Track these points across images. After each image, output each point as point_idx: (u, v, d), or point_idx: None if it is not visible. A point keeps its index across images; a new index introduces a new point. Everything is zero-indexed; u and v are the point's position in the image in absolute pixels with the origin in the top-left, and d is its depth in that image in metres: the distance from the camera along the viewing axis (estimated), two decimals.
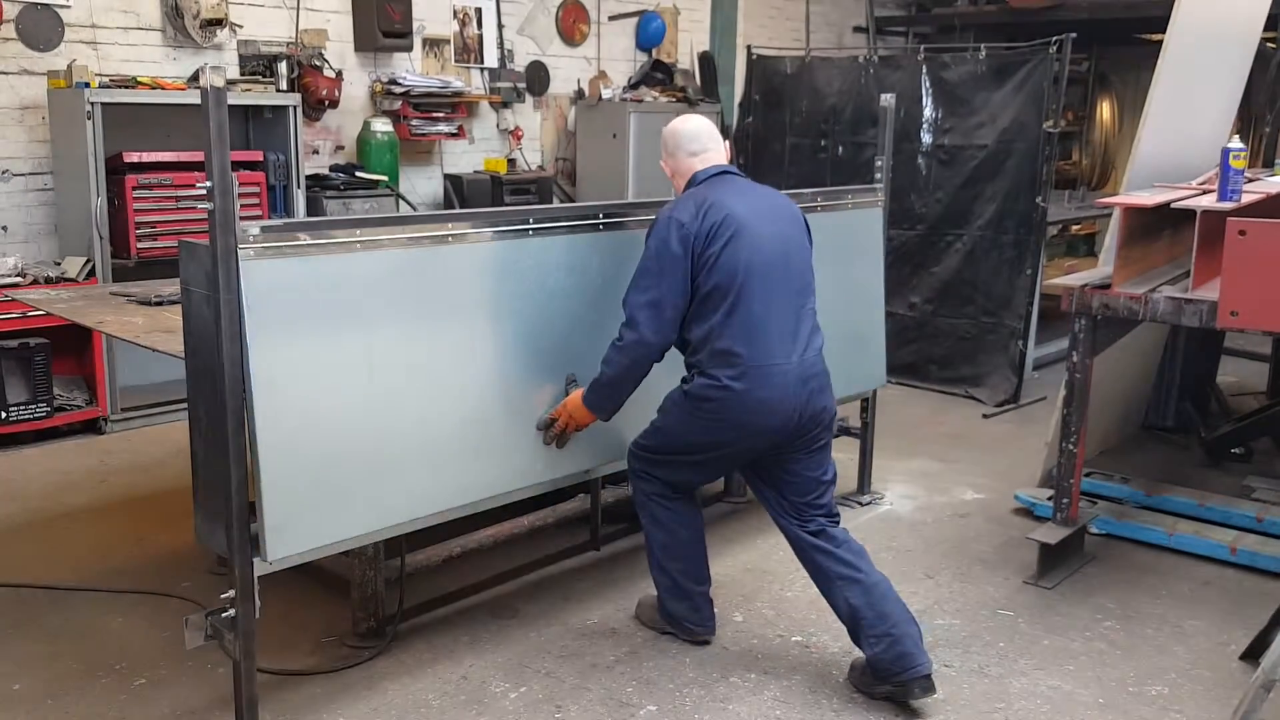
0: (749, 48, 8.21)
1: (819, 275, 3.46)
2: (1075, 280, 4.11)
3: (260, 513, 2.82)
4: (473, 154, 7.78)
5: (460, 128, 7.46)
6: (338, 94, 6.69)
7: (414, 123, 7.15)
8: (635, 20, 8.73)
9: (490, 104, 7.80)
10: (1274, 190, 4.22)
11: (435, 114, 7.29)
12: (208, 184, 2.61)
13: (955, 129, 6.90)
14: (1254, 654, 3.45)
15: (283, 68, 6.37)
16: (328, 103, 6.65)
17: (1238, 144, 3.90)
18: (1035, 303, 6.74)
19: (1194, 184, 4.42)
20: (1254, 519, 4.50)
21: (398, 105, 7.07)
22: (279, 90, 6.29)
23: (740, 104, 8.28)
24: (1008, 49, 6.81)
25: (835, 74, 7.56)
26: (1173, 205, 3.94)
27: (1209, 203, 3.83)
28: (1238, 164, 3.85)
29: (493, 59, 7.79)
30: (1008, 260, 6.73)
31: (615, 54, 8.69)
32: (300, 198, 6.25)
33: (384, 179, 6.78)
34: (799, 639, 3.64)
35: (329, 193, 6.51)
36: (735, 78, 9.05)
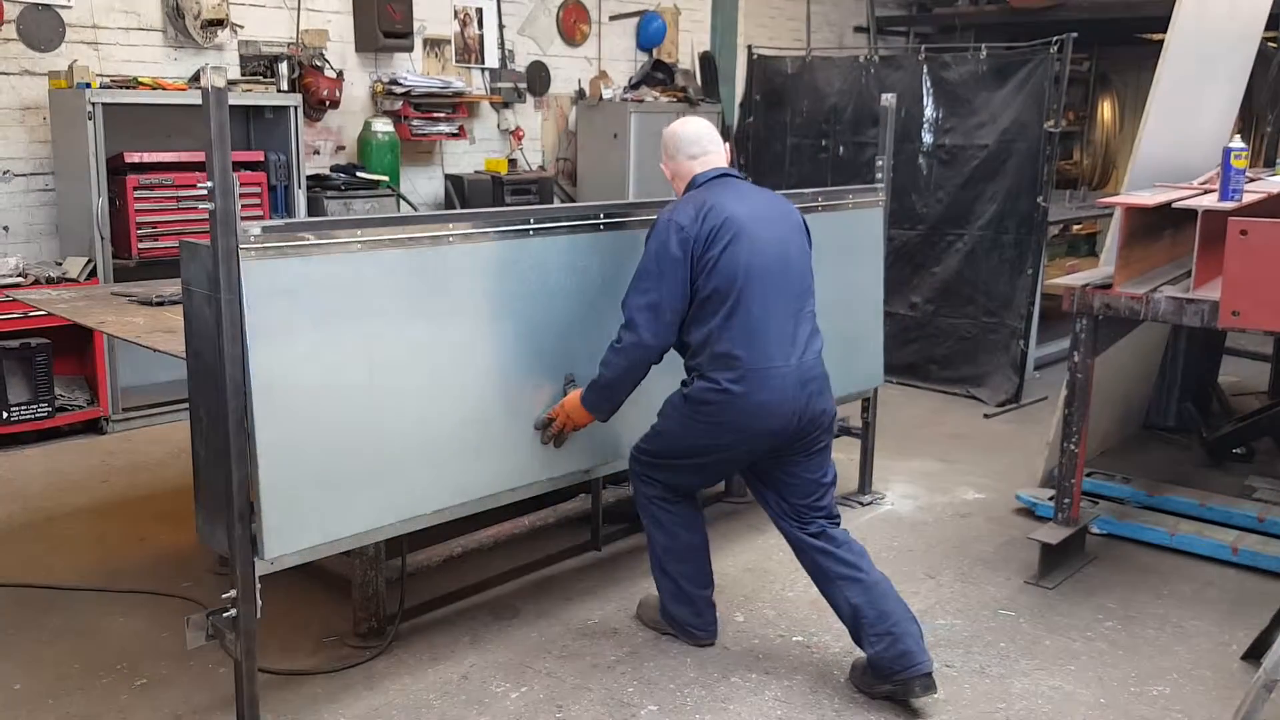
0: (750, 48, 8.22)
1: (819, 275, 3.46)
2: (1076, 280, 4.11)
3: (258, 512, 2.82)
4: (474, 154, 7.78)
5: (461, 128, 7.47)
6: (339, 94, 6.69)
7: (415, 123, 7.15)
8: (636, 20, 8.72)
9: (491, 104, 7.80)
10: (1275, 190, 4.21)
11: (436, 114, 7.29)
12: (209, 184, 2.62)
13: (956, 129, 6.90)
14: (1255, 654, 3.45)
15: (284, 68, 6.37)
16: (329, 103, 6.65)
17: (1239, 144, 3.90)
18: (1036, 302, 6.74)
19: (1195, 184, 4.41)
20: (1255, 519, 4.49)
21: (399, 105, 7.07)
22: (280, 90, 6.29)
23: (741, 104, 8.28)
24: (1008, 49, 6.80)
25: (836, 74, 7.56)
26: (1174, 205, 3.94)
27: (1210, 202, 3.83)
28: (1239, 164, 3.85)
29: (493, 59, 7.80)
30: (1009, 260, 6.73)
31: (616, 54, 8.69)
32: (301, 198, 6.25)
33: (385, 179, 6.78)
34: (800, 639, 3.64)
35: (330, 193, 6.52)
36: (736, 78, 9.05)
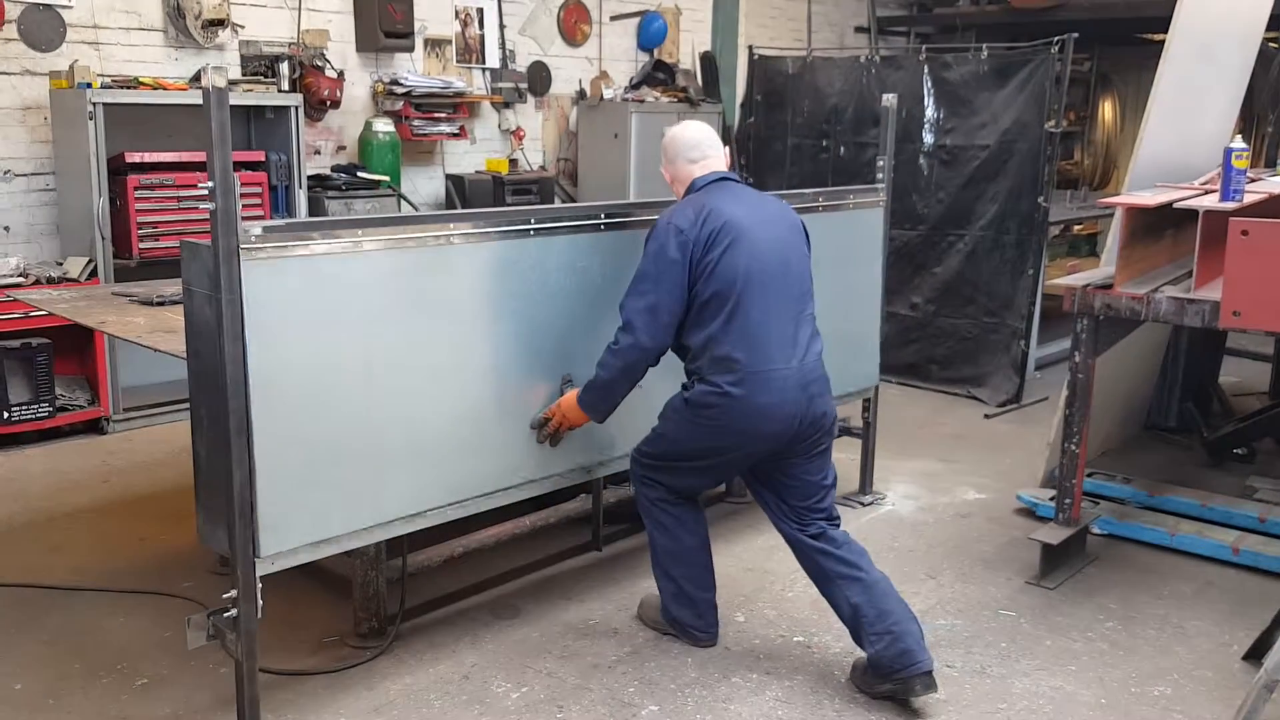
0: (750, 48, 8.22)
1: (819, 275, 3.47)
2: (1077, 280, 4.11)
3: (255, 511, 2.82)
4: (474, 154, 7.78)
5: (462, 128, 7.47)
6: (339, 94, 6.69)
7: (416, 123, 7.15)
8: (637, 20, 8.72)
9: (492, 104, 7.80)
10: (1276, 190, 4.21)
11: (437, 114, 7.29)
12: (210, 184, 2.61)
13: (957, 129, 6.90)
14: (1256, 654, 3.45)
15: (284, 68, 6.37)
16: (329, 103, 6.65)
17: (1240, 144, 3.90)
18: (1037, 303, 6.74)
19: (1196, 184, 4.41)
20: (1256, 519, 4.49)
21: (399, 105, 7.07)
22: (281, 91, 6.29)
23: (742, 104, 8.28)
24: (1009, 49, 6.80)
25: (837, 74, 7.56)
26: (1175, 205, 3.93)
27: (1211, 203, 3.83)
28: (1240, 164, 3.84)
29: (494, 59, 7.80)
30: (1009, 260, 6.73)
31: (617, 54, 8.68)
32: (302, 198, 6.25)
33: (386, 179, 6.78)
34: (801, 639, 3.64)
35: (331, 193, 6.52)
36: (737, 78, 9.05)
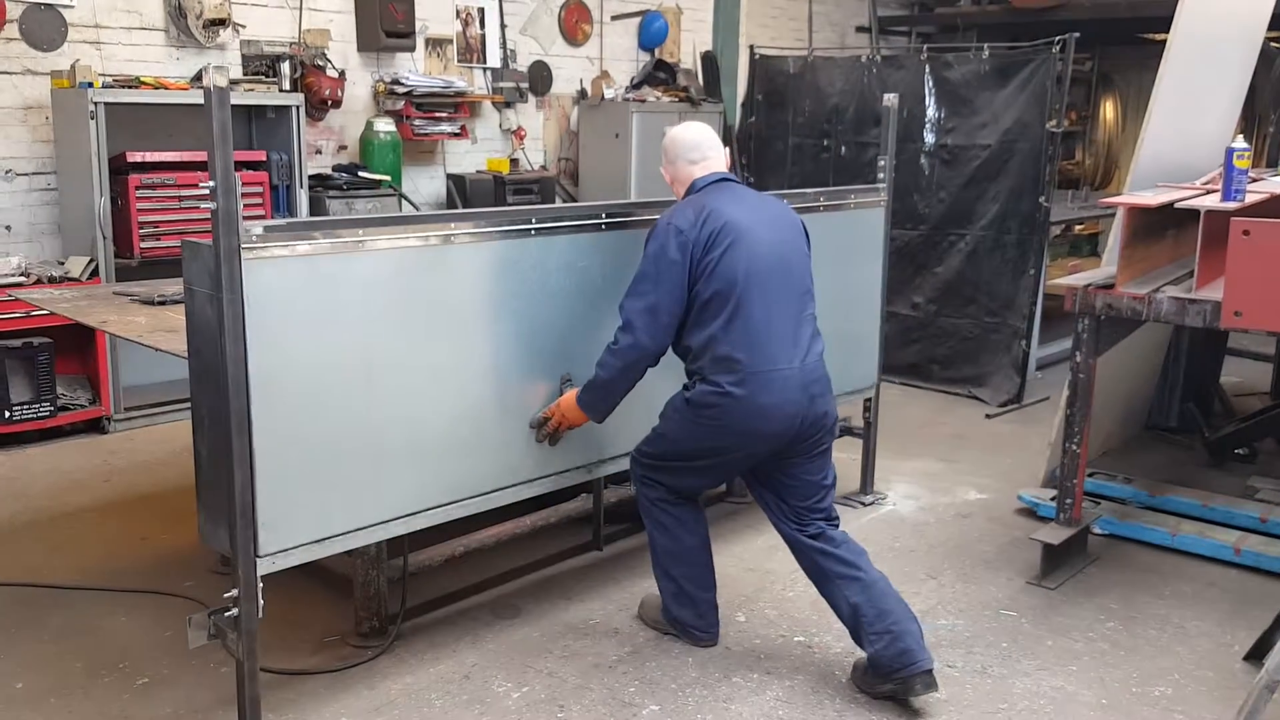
0: (751, 47, 8.21)
1: (820, 275, 3.47)
2: (1078, 280, 4.11)
3: (255, 510, 2.81)
4: (475, 154, 7.78)
5: (463, 128, 7.47)
6: (340, 94, 6.69)
7: (417, 123, 7.15)
8: (638, 20, 8.72)
9: (493, 104, 7.80)
10: (1278, 190, 4.21)
11: (438, 114, 7.29)
12: (211, 184, 2.61)
13: (958, 129, 6.90)
14: (1258, 655, 3.44)
15: (285, 68, 6.37)
16: (330, 103, 6.65)
17: (1241, 144, 3.89)
18: (1038, 303, 6.73)
19: (1198, 184, 4.41)
20: (1258, 520, 4.49)
21: (400, 105, 7.07)
22: (282, 90, 6.30)
23: (743, 104, 8.28)
24: (1011, 49, 6.80)
25: (838, 74, 7.56)
26: (1176, 205, 3.93)
27: (1213, 203, 3.82)
28: (1241, 164, 3.84)
29: (495, 59, 7.80)
30: (1011, 260, 6.73)
31: (618, 54, 8.68)
32: (303, 197, 6.25)
33: (387, 179, 6.78)
34: (801, 639, 3.64)
35: (332, 193, 6.52)
36: (738, 77, 9.04)
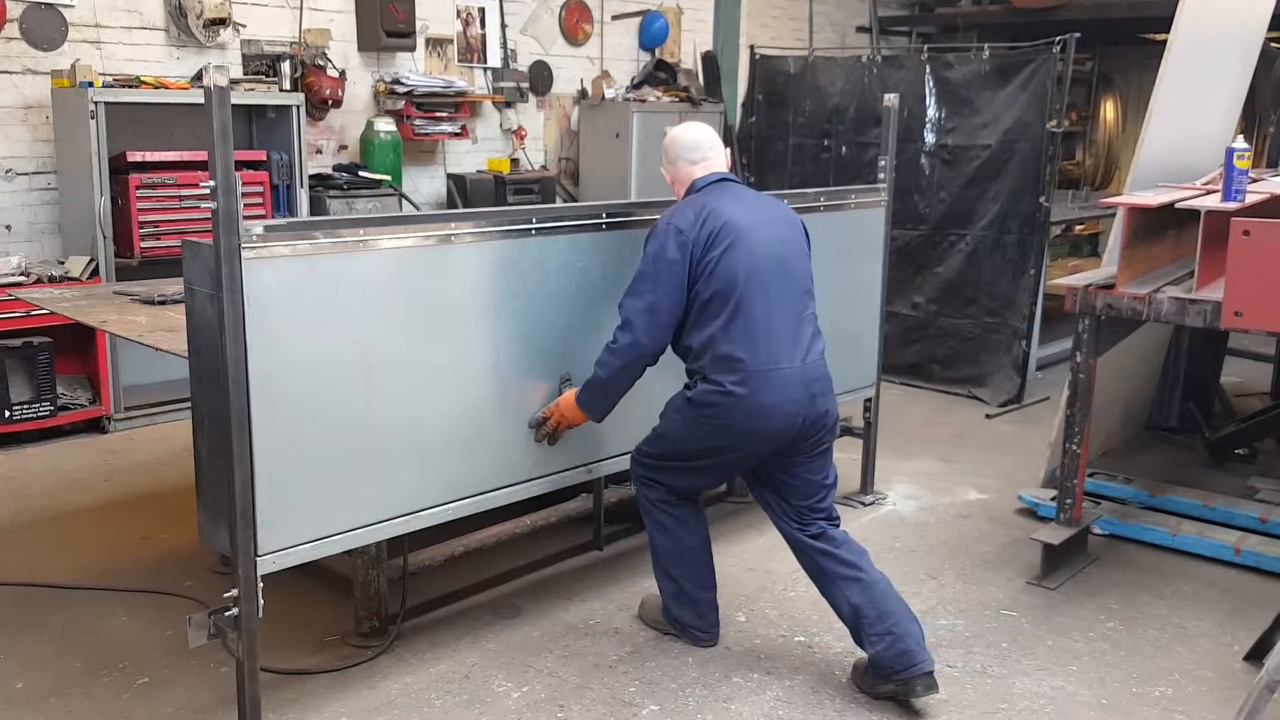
0: (752, 47, 8.21)
1: (820, 275, 3.47)
2: (1079, 280, 4.11)
3: (255, 509, 2.81)
4: (476, 154, 7.78)
5: (463, 127, 7.47)
6: (341, 94, 6.69)
7: (417, 122, 7.16)
8: (638, 20, 8.72)
9: (493, 104, 7.80)
10: (1278, 190, 4.21)
11: (438, 114, 7.29)
12: (211, 183, 2.61)
13: (959, 129, 6.89)
14: (1258, 655, 3.44)
15: (286, 67, 6.38)
16: (331, 102, 6.65)
17: (1242, 144, 3.89)
18: (1038, 303, 6.73)
19: (1198, 184, 4.41)
20: (1258, 520, 4.49)
21: (401, 105, 7.07)
22: (282, 90, 6.30)
23: (743, 104, 8.28)
24: (1011, 49, 6.80)
25: (838, 74, 7.56)
26: (1177, 205, 3.93)
27: (1213, 203, 3.82)
28: (1242, 164, 3.84)
29: (496, 59, 7.80)
30: (1011, 260, 6.73)
31: (618, 54, 8.68)
32: (303, 197, 6.25)
33: (387, 179, 6.78)
34: (802, 639, 3.64)
35: (332, 192, 6.52)
36: (738, 77, 9.05)
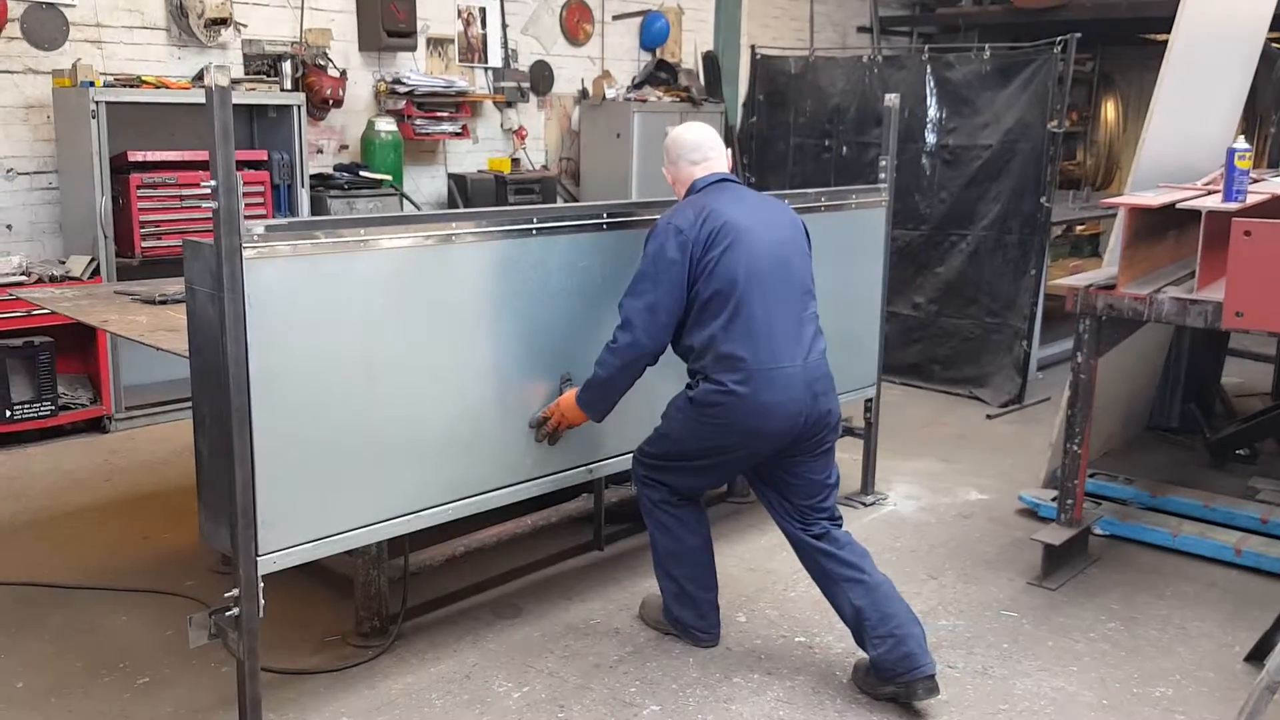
0: (753, 48, 8.21)
1: (820, 275, 3.47)
2: (1080, 281, 4.11)
3: (256, 509, 2.81)
4: (477, 153, 7.78)
5: (464, 127, 7.47)
6: (342, 93, 6.69)
7: (418, 122, 7.16)
8: (639, 20, 8.72)
9: (494, 104, 7.80)
10: (1279, 191, 4.21)
11: (439, 113, 7.29)
12: (212, 183, 2.61)
13: (959, 129, 6.89)
14: (1258, 655, 3.44)
15: (287, 67, 6.38)
16: (332, 102, 6.65)
17: (1243, 144, 3.89)
18: (1039, 303, 6.73)
19: (1199, 184, 4.41)
20: (1259, 520, 4.48)
21: (402, 105, 7.08)
22: (283, 90, 6.30)
23: (744, 104, 8.28)
24: (1012, 49, 6.79)
25: (839, 74, 7.55)
26: (1178, 206, 3.93)
27: (1214, 203, 3.82)
28: (1243, 164, 3.84)
29: (497, 59, 7.80)
30: (1012, 260, 6.73)
31: (619, 54, 8.68)
32: (304, 197, 6.25)
33: (388, 178, 6.78)
34: (802, 639, 3.64)
35: (333, 192, 6.52)
36: (739, 78, 9.05)
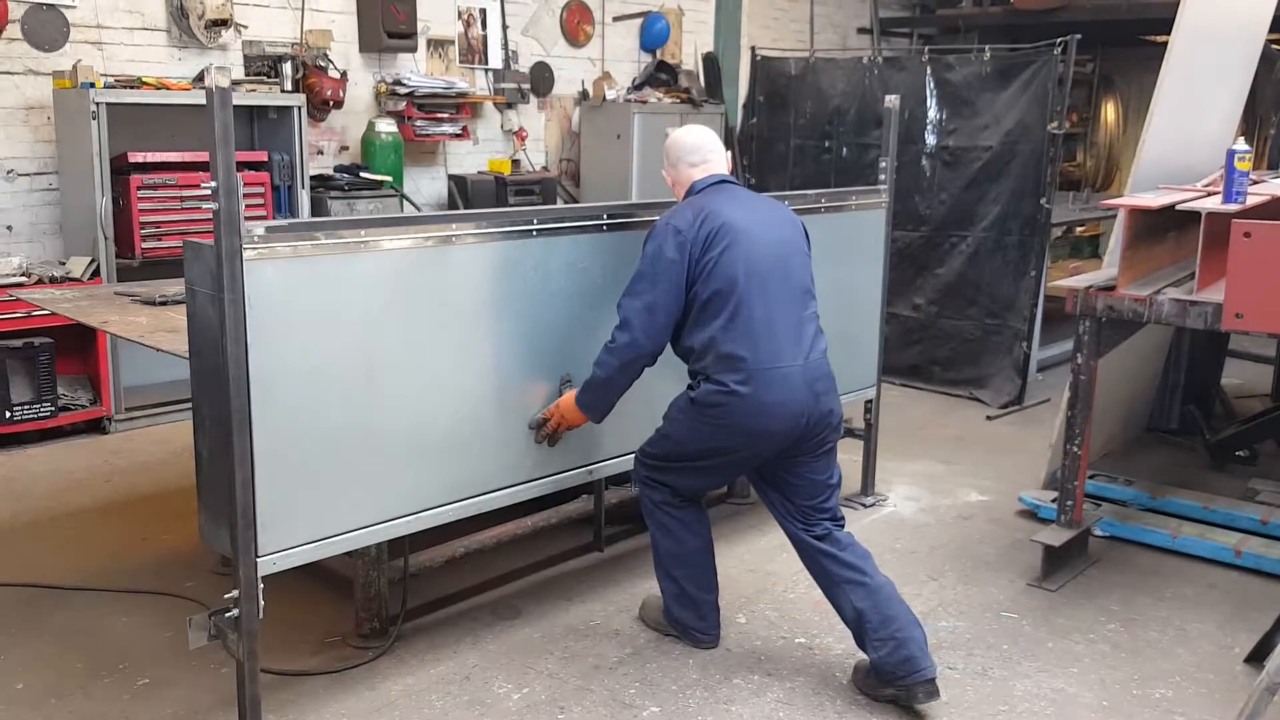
0: (753, 49, 8.21)
1: (820, 276, 3.47)
2: (1080, 282, 4.11)
3: (256, 510, 2.81)
4: (477, 155, 7.78)
5: (464, 128, 7.47)
6: (342, 95, 6.69)
7: (418, 123, 7.16)
8: (639, 21, 8.72)
9: (494, 105, 7.81)
10: (1279, 192, 4.21)
11: (439, 115, 7.30)
12: (212, 184, 2.61)
13: (960, 130, 6.89)
14: (1258, 657, 3.44)
15: (287, 68, 6.38)
16: (332, 103, 6.65)
17: (1243, 146, 3.90)
18: (1039, 304, 6.73)
19: (1199, 186, 4.41)
20: (1259, 522, 4.48)
21: (402, 106, 7.08)
22: (284, 91, 6.30)
23: (744, 105, 8.28)
24: (1012, 50, 6.80)
25: (839, 75, 7.56)
26: (1178, 207, 3.93)
27: (1214, 205, 3.82)
28: (1243, 166, 3.84)
29: (497, 60, 7.80)
30: (1012, 262, 6.73)
31: (619, 55, 8.69)
32: (305, 198, 6.25)
33: (388, 180, 6.78)
34: (802, 641, 3.64)
35: (333, 193, 6.52)
36: (739, 79, 9.05)
